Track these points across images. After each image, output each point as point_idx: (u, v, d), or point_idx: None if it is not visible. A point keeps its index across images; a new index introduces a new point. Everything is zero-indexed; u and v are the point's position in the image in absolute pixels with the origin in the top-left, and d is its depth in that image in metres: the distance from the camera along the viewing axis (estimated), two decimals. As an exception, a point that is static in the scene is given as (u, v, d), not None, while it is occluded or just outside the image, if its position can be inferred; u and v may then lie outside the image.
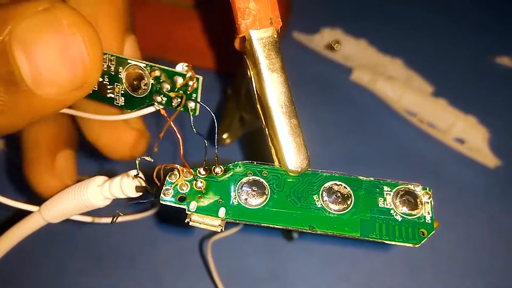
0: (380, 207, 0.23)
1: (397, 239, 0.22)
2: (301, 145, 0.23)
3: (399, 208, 0.23)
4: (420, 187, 0.24)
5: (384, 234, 0.22)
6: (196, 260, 0.41)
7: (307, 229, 0.22)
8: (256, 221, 0.23)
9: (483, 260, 0.42)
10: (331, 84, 0.54)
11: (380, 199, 0.23)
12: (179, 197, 0.23)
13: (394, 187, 0.24)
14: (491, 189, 0.47)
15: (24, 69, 0.18)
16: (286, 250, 0.42)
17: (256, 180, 0.23)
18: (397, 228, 0.22)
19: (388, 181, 0.24)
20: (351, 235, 0.22)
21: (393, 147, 0.49)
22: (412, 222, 0.23)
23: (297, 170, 0.23)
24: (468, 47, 0.58)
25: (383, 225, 0.23)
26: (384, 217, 0.23)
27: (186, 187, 0.23)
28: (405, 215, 0.23)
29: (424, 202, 0.23)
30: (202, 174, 0.24)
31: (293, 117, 0.23)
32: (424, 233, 0.22)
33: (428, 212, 0.23)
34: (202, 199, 0.23)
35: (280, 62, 0.22)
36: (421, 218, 0.23)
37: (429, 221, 0.23)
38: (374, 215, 0.23)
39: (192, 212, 0.23)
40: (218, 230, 0.23)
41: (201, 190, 0.23)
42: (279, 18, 0.23)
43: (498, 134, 0.49)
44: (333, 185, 0.23)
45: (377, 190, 0.23)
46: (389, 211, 0.23)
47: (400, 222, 0.23)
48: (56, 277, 0.39)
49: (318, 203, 0.23)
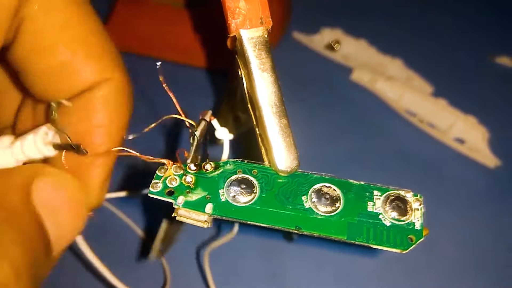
0: (369, 211, 0.22)
1: (384, 244, 0.22)
2: (291, 145, 0.23)
3: (388, 213, 0.22)
4: (411, 193, 0.23)
5: (371, 238, 0.22)
6: (194, 266, 0.40)
7: (293, 229, 0.22)
8: (242, 218, 0.22)
9: (482, 260, 0.42)
10: (331, 84, 0.54)
11: (370, 203, 0.23)
12: (168, 191, 0.23)
13: (385, 192, 0.23)
14: (491, 189, 0.46)
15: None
16: (284, 251, 0.42)
17: (245, 178, 0.23)
18: (385, 233, 0.22)
19: (378, 186, 0.23)
20: (337, 238, 0.22)
21: (393, 147, 0.49)
22: (401, 227, 0.22)
23: (287, 170, 0.23)
24: (468, 47, 0.57)
25: (370, 229, 0.22)
26: (372, 221, 0.22)
27: (175, 181, 0.23)
28: (394, 220, 0.22)
29: (414, 209, 0.22)
30: (192, 170, 0.23)
31: (283, 117, 0.22)
32: (413, 239, 0.22)
33: (418, 219, 0.22)
34: (190, 194, 0.23)
35: (270, 62, 0.22)
36: (410, 224, 0.22)
37: (419, 227, 0.22)
38: (362, 218, 0.22)
39: (179, 207, 0.22)
40: (204, 226, 0.23)
41: (189, 185, 0.23)
42: (269, 18, 0.22)
43: (498, 134, 0.49)
44: (322, 187, 0.23)
45: (367, 194, 0.23)
46: (377, 215, 0.22)
47: (388, 227, 0.22)
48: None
49: (306, 204, 0.23)
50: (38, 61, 0.21)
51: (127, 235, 0.41)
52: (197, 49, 0.49)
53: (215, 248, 0.38)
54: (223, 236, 0.39)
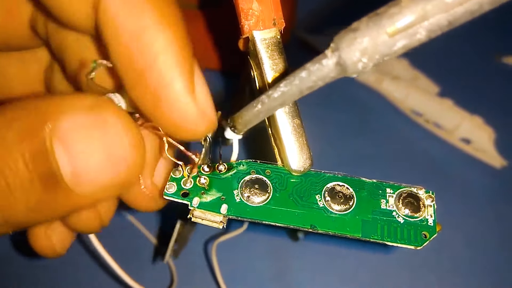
0: (382, 209, 0.22)
1: (399, 240, 0.21)
2: (304, 145, 0.22)
3: (401, 210, 0.22)
4: (423, 190, 0.22)
5: (385, 236, 0.21)
6: (201, 262, 0.40)
7: (308, 228, 0.22)
8: (258, 218, 0.22)
9: (489, 260, 0.41)
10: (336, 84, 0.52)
11: (383, 201, 0.22)
12: (182, 193, 0.22)
13: (397, 190, 0.22)
14: (497, 189, 0.45)
15: (64, 168, 0.16)
16: (291, 250, 0.41)
17: (259, 178, 0.23)
18: (399, 230, 0.21)
19: (391, 183, 0.23)
20: (352, 236, 0.21)
21: (399, 147, 0.48)
22: (414, 224, 0.21)
23: (300, 170, 0.23)
24: (475, 47, 0.56)
25: (385, 226, 0.21)
26: (386, 218, 0.22)
27: (190, 183, 0.23)
28: (407, 217, 0.22)
29: (427, 205, 0.22)
30: (205, 171, 0.23)
31: (296, 117, 0.22)
32: (426, 235, 0.21)
33: (431, 215, 0.22)
34: (205, 195, 0.22)
35: (283, 62, 0.22)
36: (424, 220, 0.22)
37: (432, 224, 0.21)
38: (376, 216, 0.22)
39: (194, 208, 0.22)
40: (219, 227, 0.22)
41: (204, 187, 0.23)
42: (282, 19, 0.22)
43: (504, 134, 0.47)
44: (335, 186, 0.22)
45: (379, 192, 0.22)
46: (391, 213, 0.22)
47: (402, 224, 0.21)
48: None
49: (320, 203, 0.22)
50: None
51: (134, 235, 0.41)
52: (209, 51, 0.49)
53: (223, 244, 0.38)
54: (232, 231, 0.39)
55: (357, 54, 0.14)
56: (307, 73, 0.15)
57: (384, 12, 0.13)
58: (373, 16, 0.14)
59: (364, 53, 0.14)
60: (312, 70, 0.15)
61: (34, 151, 0.16)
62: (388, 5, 0.14)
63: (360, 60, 0.14)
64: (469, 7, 0.12)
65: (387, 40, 0.13)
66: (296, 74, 0.16)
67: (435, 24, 0.13)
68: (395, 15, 0.13)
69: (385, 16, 0.13)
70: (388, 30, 0.13)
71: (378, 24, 0.13)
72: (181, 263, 0.39)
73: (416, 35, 0.13)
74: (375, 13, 0.14)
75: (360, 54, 0.14)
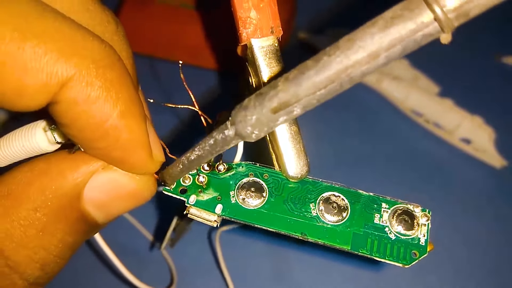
0: (375, 223, 0.21)
1: (387, 257, 0.21)
2: (301, 152, 0.22)
3: (394, 227, 0.21)
4: (420, 208, 0.22)
5: (374, 251, 0.21)
6: (205, 249, 0.40)
7: (299, 236, 0.21)
8: (250, 221, 0.22)
9: (489, 261, 0.40)
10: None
11: (377, 215, 0.22)
12: (181, 189, 0.22)
13: (393, 205, 0.22)
14: (497, 189, 0.44)
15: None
16: (292, 251, 0.41)
17: (256, 181, 0.22)
18: (389, 247, 0.21)
19: (387, 198, 0.22)
20: (341, 247, 0.21)
21: (399, 147, 0.47)
22: (406, 242, 0.21)
23: (297, 177, 0.22)
24: (475, 47, 0.54)
25: (375, 241, 0.21)
26: (377, 233, 0.21)
27: (189, 180, 0.22)
28: (400, 234, 0.21)
29: (421, 224, 0.21)
30: (205, 170, 0.23)
31: (293, 124, 0.22)
32: (416, 254, 0.21)
33: (424, 234, 0.21)
34: (202, 193, 0.22)
35: (281, 70, 0.21)
36: (415, 239, 0.21)
37: (423, 243, 0.21)
38: (367, 230, 0.21)
39: (191, 205, 0.22)
40: (214, 226, 0.22)
41: (202, 185, 0.22)
42: (280, 27, 0.21)
43: (504, 134, 0.46)
44: (331, 196, 0.22)
45: (374, 206, 0.22)
46: (383, 228, 0.21)
47: (393, 240, 0.21)
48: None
49: (313, 212, 0.22)
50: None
51: (132, 232, 0.40)
52: (206, 51, 0.47)
53: (223, 243, 0.37)
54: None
55: (249, 128, 0.16)
56: (214, 141, 0.18)
57: (266, 93, 0.16)
58: (258, 96, 0.16)
59: (255, 127, 0.16)
60: (218, 138, 0.18)
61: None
62: (269, 86, 0.16)
63: (252, 132, 0.16)
64: (332, 88, 0.15)
65: (270, 116, 0.16)
66: (206, 141, 0.18)
67: (307, 102, 0.15)
68: (273, 97, 0.15)
69: (266, 97, 0.16)
70: (270, 108, 0.16)
71: (262, 104, 0.16)
72: (180, 255, 0.39)
73: (293, 112, 0.16)
74: (259, 93, 0.16)
75: (252, 128, 0.16)
